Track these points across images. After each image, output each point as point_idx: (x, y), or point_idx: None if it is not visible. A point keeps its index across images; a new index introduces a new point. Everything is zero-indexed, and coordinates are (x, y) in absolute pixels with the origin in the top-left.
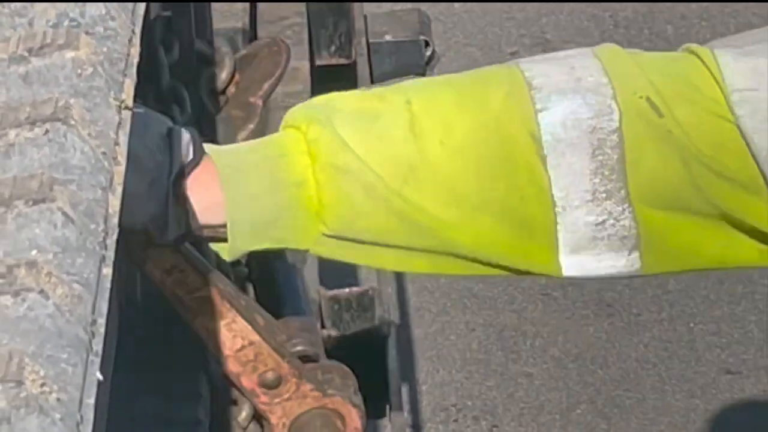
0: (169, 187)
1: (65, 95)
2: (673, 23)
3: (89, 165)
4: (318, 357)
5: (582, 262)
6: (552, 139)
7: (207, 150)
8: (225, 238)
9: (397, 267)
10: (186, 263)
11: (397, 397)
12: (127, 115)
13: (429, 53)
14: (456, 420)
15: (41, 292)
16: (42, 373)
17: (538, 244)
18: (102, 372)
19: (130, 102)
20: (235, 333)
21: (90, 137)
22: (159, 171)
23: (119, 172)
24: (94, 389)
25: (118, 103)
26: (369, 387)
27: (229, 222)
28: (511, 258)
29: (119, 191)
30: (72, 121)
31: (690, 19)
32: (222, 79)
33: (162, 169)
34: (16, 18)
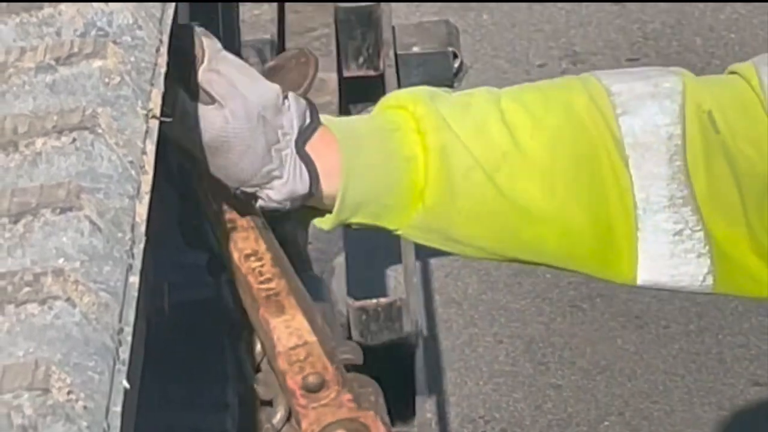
0: (291, 148)
1: (92, 104)
2: (702, 35)
3: (116, 174)
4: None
5: (658, 271)
6: (633, 142)
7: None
8: (325, 208)
9: (478, 254)
10: (266, 252)
11: (425, 409)
12: (155, 124)
13: (457, 65)
14: None
15: (68, 300)
16: (68, 381)
17: (618, 247)
18: (129, 380)
19: (157, 111)
20: (292, 331)
21: (117, 146)
22: (275, 132)
23: (147, 180)
24: (120, 397)
25: (145, 113)
26: (396, 398)
27: (342, 189)
28: (590, 261)
29: (146, 200)
30: (99, 130)
31: (718, 31)
32: None
33: (279, 131)
34: (43, 27)
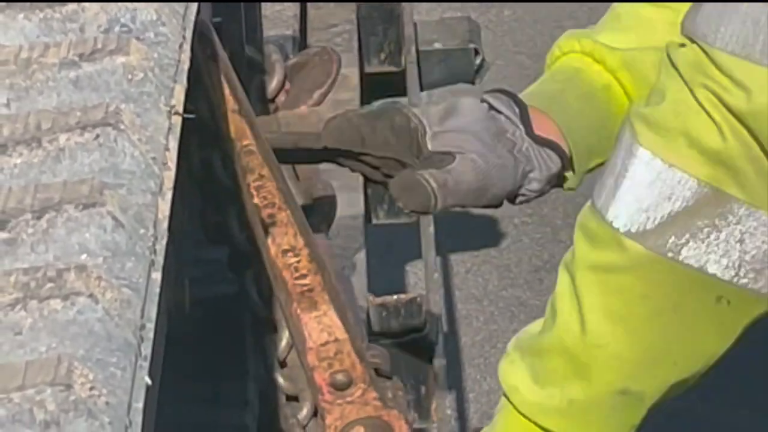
0: (527, 141)
1: (116, 100)
2: None
3: (139, 170)
4: (386, 370)
5: None
6: None
7: None
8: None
9: None
10: (304, 247)
11: (444, 405)
12: (177, 121)
13: (478, 61)
14: None
15: (90, 296)
16: (91, 377)
17: None
18: (150, 376)
19: (180, 108)
20: (324, 327)
21: (140, 142)
22: (507, 138)
23: (169, 177)
24: (142, 393)
25: (168, 109)
26: (416, 394)
27: (572, 146)
28: None
29: (169, 196)
30: (122, 126)
31: None
32: (272, 87)
33: (507, 134)
34: (67, 23)
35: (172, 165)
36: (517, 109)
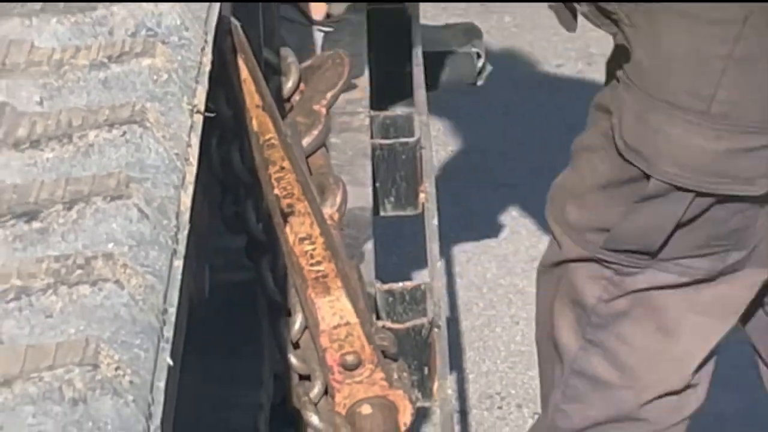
0: None
1: (142, 100)
2: None
3: (163, 165)
4: (392, 352)
5: None
6: None
7: None
8: None
9: None
10: (320, 236)
11: (445, 386)
12: (199, 119)
13: (480, 64)
14: (500, 407)
15: (117, 282)
16: (116, 358)
17: None
18: (172, 357)
19: (201, 107)
20: (336, 311)
21: (164, 139)
22: None
23: (191, 171)
24: (164, 373)
25: (190, 108)
26: (419, 375)
27: None
28: None
29: (190, 189)
30: (148, 124)
31: None
32: (288, 88)
33: None
34: (97, 27)
35: (193, 160)
36: None
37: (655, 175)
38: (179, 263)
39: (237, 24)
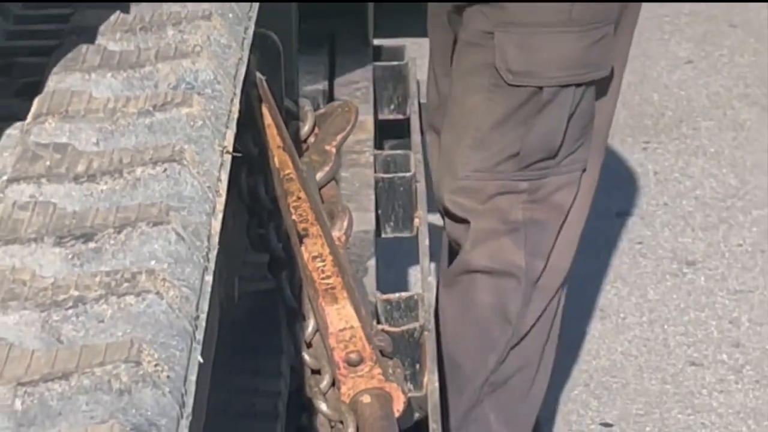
0: None
1: (180, 142)
2: (658, 91)
3: (197, 196)
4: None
5: None
6: None
7: None
8: None
9: None
10: (329, 255)
11: (433, 379)
12: (228, 158)
13: None
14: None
15: (157, 293)
16: (156, 356)
17: None
18: (202, 356)
19: (230, 148)
20: (342, 316)
21: (198, 175)
22: None
23: (220, 202)
24: (195, 369)
25: (221, 149)
26: (412, 370)
27: None
28: None
29: (219, 217)
30: (185, 162)
31: (671, 89)
32: (305, 131)
33: None
34: (144, 81)
35: (222, 193)
36: None
37: (547, 84)
38: (209, 278)
39: (262, 78)
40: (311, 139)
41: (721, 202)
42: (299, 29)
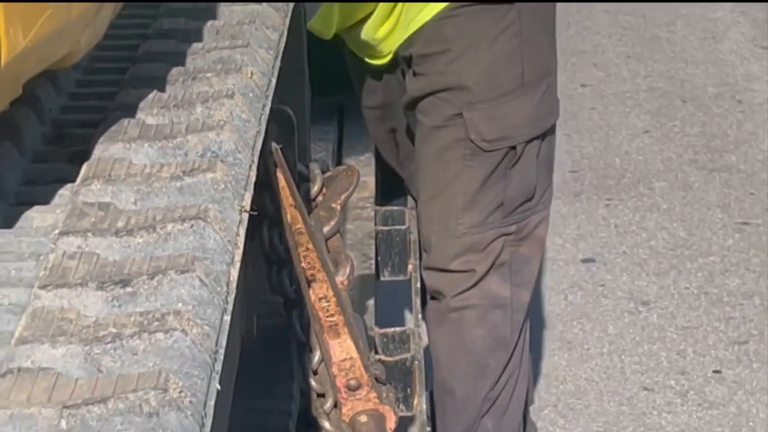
0: None
1: (206, 202)
2: (620, 157)
3: (219, 248)
4: (383, 378)
5: None
6: None
7: None
8: None
9: None
10: (333, 296)
11: (422, 402)
12: (245, 216)
13: None
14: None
15: (183, 331)
16: (180, 384)
17: None
18: (220, 383)
19: (247, 207)
20: (343, 348)
21: (220, 230)
22: None
23: (238, 253)
24: (214, 395)
25: (239, 208)
26: (404, 393)
27: None
28: None
29: (237, 266)
30: (209, 219)
31: (631, 155)
32: (314, 191)
33: None
34: (176, 150)
35: (240, 245)
36: None
37: (518, 141)
38: (228, 318)
39: (278, 147)
40: (320, 198)
41: (672, 251)
42: (312, 103)
